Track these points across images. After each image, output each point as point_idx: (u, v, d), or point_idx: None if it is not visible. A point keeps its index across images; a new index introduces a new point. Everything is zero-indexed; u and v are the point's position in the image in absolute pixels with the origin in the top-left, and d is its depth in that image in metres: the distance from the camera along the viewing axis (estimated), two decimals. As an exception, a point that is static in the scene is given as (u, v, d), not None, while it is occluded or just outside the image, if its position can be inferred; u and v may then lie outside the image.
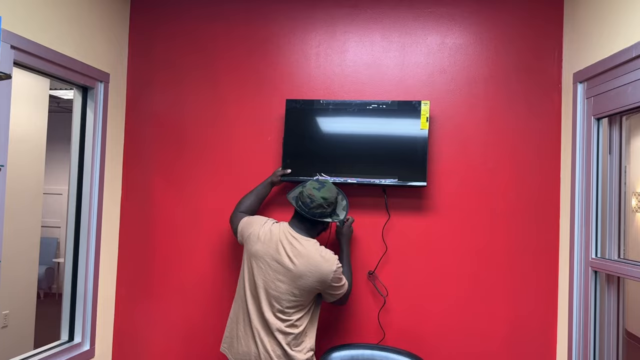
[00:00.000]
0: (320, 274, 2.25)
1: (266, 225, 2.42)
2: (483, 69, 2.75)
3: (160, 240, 2.99)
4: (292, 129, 2.75)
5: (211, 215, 2.94)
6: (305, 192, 2.36)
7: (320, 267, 2.26)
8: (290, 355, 2.29)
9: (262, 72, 2.91)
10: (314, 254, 2.29)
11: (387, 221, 2.76)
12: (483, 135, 2.73)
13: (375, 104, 2.69)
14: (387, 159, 2.65)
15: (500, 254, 2.69)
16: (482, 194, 2.72)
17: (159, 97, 3.02)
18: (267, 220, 2.46)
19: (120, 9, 2.98)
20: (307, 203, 2.33)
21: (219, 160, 2.94)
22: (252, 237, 2.39)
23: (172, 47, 3.01)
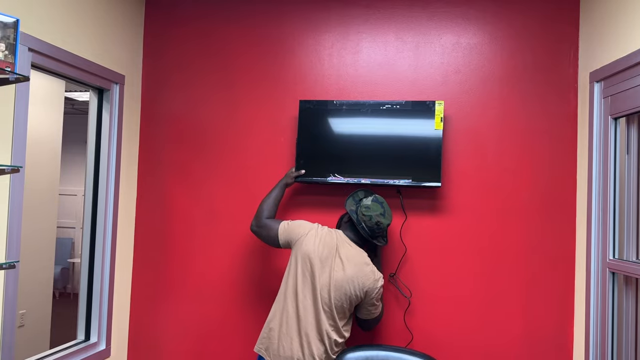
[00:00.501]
0: (368, 285, 2.28)
1: (319, 229, 2.42)
2: (498, 69, 2.73)
3: (176, 241, 3.00)
4: (305, 130, 2.75)
5: (226, 215, 2.95)
6: (373, 217, 2.37)
7: (369, 278, 2.29)
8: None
9: (275, 73, 2.91)
10: (365, 266, 2.32)
11: (404, 222, 2.74)
12: (498, 136, 2.71)
13: (389, 105, 2.68)
14: (401, 159, 2.64)
15: (515, 254, 2.68)
16: (498, 194, 2.70)
17: (173, 99, 3.04)
18: (316, 225, 2.47)
19: (135, 12, 3.01)
20: (374, 229, 2.37)
21: (234, 160, 2.95)
22: (308, 240, 2.36)
23: (186, 49, 3.03)
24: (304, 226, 2.44)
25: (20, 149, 2.15)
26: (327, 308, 2.28)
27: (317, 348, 2.28)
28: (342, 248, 2.32)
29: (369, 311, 2.39)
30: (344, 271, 2.26)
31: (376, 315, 2.41)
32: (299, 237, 2.39)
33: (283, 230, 2.47)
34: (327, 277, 2.28)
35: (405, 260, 2.74)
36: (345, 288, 2.27)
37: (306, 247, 2.35)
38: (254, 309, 2.90)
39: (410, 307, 2.73)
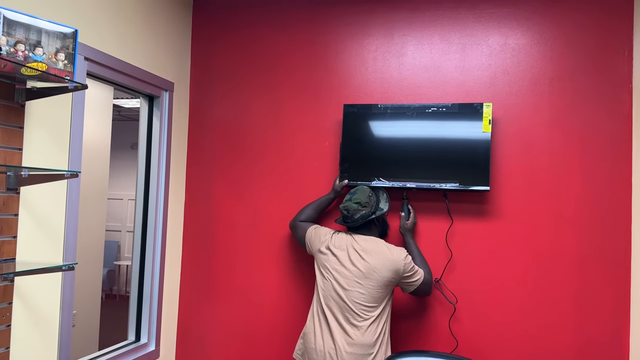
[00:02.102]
0: (392, 263, 2.33)
1: (334, 235, 2.50)
2: (548, 69, 2.67)
3: (222, 244, 3.05)
4: (349, 134, 2.75)
5: (270, 219, 2.98)
6: (341, 206, 2.49)
7: (389, 257, 2.35)
8: None
9: (319, 78, 2.94)
10: (381, 247, 2.39)
11: (450, 226, 2.72)
12: (549, 138, 2.65)
13: (434, 107, 2.65)
14: (448, 163, 2.61)
15: (568, 261, 2.60)
16: (549, 199, 2.64)
17: (220, 105, 3.10)
18: (332, 231, 2.55)
19: (183, 21, 3.08)
20: (346, 215, 2.46)
21: (278, 165, 2.99)
22: (324, 249, 2.47)
23: (232, 56, 3.08)
24: (322, 234, 2.54)
25: (77, 155, 2.23)
26: (355, 303, 2.32)
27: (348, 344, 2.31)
28: (356, 244, 2.40)
29: (410, 284, 2.43)
30: (366, 262, 2.33)
31: (421, 282, 2.43)
32: (318, 247, 2.50)
33: (309, 234, 2.58)
34: (349, 273, 2.35)
35: (452, 265, 2.71)
36: (373, 276, 2.33)
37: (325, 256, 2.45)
38: (297, 313, 2.92)
39: (456, 314, 2.69)
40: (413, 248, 2.59)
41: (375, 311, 2.34)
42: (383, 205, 2.55)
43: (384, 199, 2.58)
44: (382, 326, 2.37)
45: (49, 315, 2.13)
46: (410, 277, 2.40)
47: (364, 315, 2.32)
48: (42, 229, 2.07)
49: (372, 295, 2.32)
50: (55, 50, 1.76)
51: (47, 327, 2.12)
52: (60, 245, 2.17)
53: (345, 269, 2.35)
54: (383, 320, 2.37)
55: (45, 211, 2.09)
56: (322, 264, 2.45)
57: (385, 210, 2.53)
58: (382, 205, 2.56)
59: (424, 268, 2.49)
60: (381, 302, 2.36)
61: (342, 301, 2.33)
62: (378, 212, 2.50)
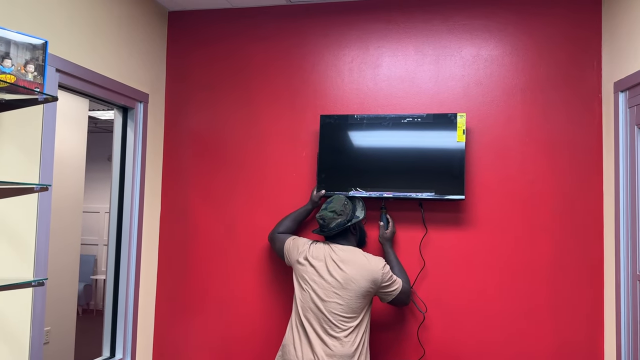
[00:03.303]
0: (369, 273, 2.31)
1: (312, 245, 2.48)
2: (520, 80, 2.71)
3: (199, 256, 3.01)
4: (326, 144, 2.76)
5: (248, 231, 2.96)
6: (317, 215, 2.48)
7: (367, 267, 2.33)
8: None
9: (296, 89, 2.94)
10: (358, 257, 2.37)
11: (425, 235, 2.73)
12: (522, 147, 2.69)
13: (410, 118, 2.67)
14: (423, 172, 2.63)
15: (542, 268, 2.62)
16: (523, 207, 2.67)
17: (196, 116, 3.07)
18: (310, 241, 2.53)
19: (158, 32, 3.06)
20: (322, 224, 2.46)
21: (255, 176, 2.97)
22: (302, 260, 2.45)
23: (208, 68, 3.07)
24: (300, 245, 2.52)
25: (48, 168, 2.19)
26: (333, 314, 2.30)
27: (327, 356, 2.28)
28: (333, 254, 2.38)
29: (388, 294, 2.41)
30: (344, 272, 2.31)
31: (399, 292, 2.42)
32: (296, 258, 2.47)
33: (288, 246, 2.57)
34: (327, 284, 2.33)
35: (424, 274, 2.72)
36: (351, 287, 2.30)
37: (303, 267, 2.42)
38: (276, 324, 2.88)
39: (427, 323, 2.70)
40: (392, 257, 2.59)
41: (354, 322, 2.32)
42: (359, 213, 2.54)
43: (360, 207, 2.57)
44: (362, 337, 2.35)
45: (19, 332, 2.07)
46: (389, 286, 2.39)
47: (342, 326, 2.30)
48: (12, 244, 2.02)
49: (350, 306, 2.31)
50: (25, 61, 1.72)
51: (17, 344, 2.06)
52: (31, 260, 2.12)
53: (323, 280, 2.34)
54: (362, 330, 2.35)
55: (16, 225, 2.04)
56: (300, 275, 2.43)
57: (361, 218, 2.52)
58: (358, 213, 2.54)
59: (402, 277, 2.48)
60: (360, 312, 2.35)
61: (321, 312, 2.31)
62: (354, 219, 2.49)
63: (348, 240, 2.50)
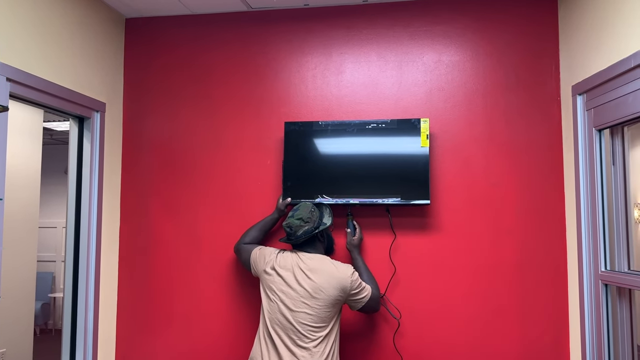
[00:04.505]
0: (338, 281, 2.30)
1: (279, 255, 2.45)
2: (481, 85, 2.75)
3: (162, 271, 2.93)
4: (291, 152, 2.73)
5: (213, 243, 2.89)
6: (283, 224, 2.46)
7: (335, 274, 2.31)
8: None
9: (259, 96, 2.90)
10: (327, 265, 2.35)
11: (394, 241, 2.73)
12: (484, 151, 2.72)
13: (374, 124, 2.68)
14: (389, 178, 2.63)
15: (508, 270, 2.65)
16: (487, 210, 2.69)
17: (156, 125, 3.00)
18: (277, 250, 2.49)
19: (114, 39, 2.98)
20: (289, 232, 2.43)
21: (219, 186, 2.91)
22: (269, 270, 2.41)
23: (168, 75, 3.00)
24: (267, 254, 2.48)
25: None
26: (302, 325, 2.27)
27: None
28: (301, 263, 2.36)
29: (357, 301, 2.39)
30: (312, 281, 2.29)
31: (369, 299, 2.40)
32: (263, 268, 2.44)
33: (254, 256, 2.53)
34: (295, 294, 2.30)
35: (396, 280, 2.71)
36: (320, 296, 2.28)
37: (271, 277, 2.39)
38: (244, 338, 2.82)
39: (402, 329, 2.68)
40: (360, 264, 2.58)
41: (323, 331, 2.30)
42: (326, 220, 2.52)
43: (327, 214, 2.55)
44: (331, 346, 2.32)
45: (-32, 357, 1.95)
46: (358, 294, 2.37)
47: (311, 336, 2.27)
48: (-41, 263, 1.91)
49: (319, 316, 2.28)
50: (-30, 69, 1.63)
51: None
52: (-19, 279, 2.00)
53: (291, 290, 2.31)
54: (332, 340, 2.33)
55: (-38, 243, 1.92)
56: (267, 285, 2.39)
57: (328, 225, 2.50)
58: (325, 220, 2.52)
59: (371, 284, 2.47)
60: (329, 321, 2.32)
61: (289, 323, 2.28)
62: (321, 226, 2.47)
63: (316, 248, 2.48)
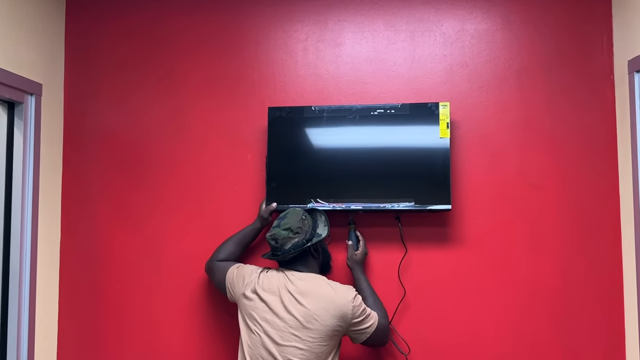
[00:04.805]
0: (336, 306, 2.03)
1: (261, 275, 2.17)
2: (514, 60, 2.40)
3: (114, 294, 2.56)
4: (277, 144, 2.43)
5: (178, 259, 2.52)
6: (267, 235, 2.18)
7: (333, 299, 2.05)
8: None
9: (236, 74, 2.56)
10: (322, 287, 2.09)
11: (404, 256, 2.37)
12: (519, 142, 2.38)
13: (381, 109, 2.37)
14: (400, 177, 2.33)
15: (549, 295, 2.31)
16: (523, 217, 2.35)
17: (106, 111, 2.63)
18: (259, 269, 2.22)
19: (53, 7, 2.60)
20: (274, 245, 2.16)
21: (186, 188, 2.55)
22: (249, 294, 2.14)
23: (121, 48, 2.63)
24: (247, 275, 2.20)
25: None
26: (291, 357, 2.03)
27: None
28: (290, 285, 2.10)
29: (361, 332, 2.10)
30: (304, 307, 2.04)
31: (375, 329, 2.12)
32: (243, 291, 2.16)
33: (230, 276, 2.24)
34: (283, 323, 2.05)
35: (405, 306, 2.36)
36: (314, 326, 2.02)
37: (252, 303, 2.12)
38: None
39: (413, 365, 2.34)
40: (364, 285, 2.27)
41: None
42: (321, 230, 2.23)
43: (322, 223, 2.26)
44: None
45: None
46: (361, 322, 2.07)
47: None
48: None
49: (313, 351, 1.99)
50: None
51: None
52: None
53: (277, 319, 2.03)
54: None
55: None
56: (247, 313, 2.10)
57: (323, 236, 2.20)
58: (320, 230, 2.23)
59: (378, 311, 2.17)
60: (325, 358, 2.04)
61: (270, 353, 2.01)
62: (315, 238, 2.17)
63: (308, 265, 2.18)
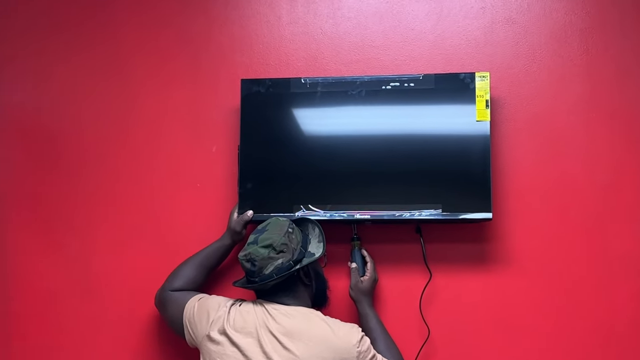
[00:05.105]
0: (336, 353, 1.74)
1: (233, 309, 1.82)
2: (578, 16, 1.98)
3: (28, 334, 2.14)
4: (253, 131, 2.02)
5: (118, 288, 2.10)
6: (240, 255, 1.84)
7: (332, 343, 1.75)
8: None
9: (200, 37, 2.17)
10: (316, 326, 1.79)
11: (428, 283, 1.96)
12: (585, 127, 1.96)
13: (396, 82, 1.95)
14: (422, 176, 1.93)
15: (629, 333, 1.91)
16: (591, 228, 1.93)
17: (20, 85, 2.23)
18: (230, 302, 1.86)
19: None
20: (250, 269, 1.80)
21: (129, 192, 2.13)
22: (216, 335, 1.80)
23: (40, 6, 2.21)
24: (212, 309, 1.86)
25: None
26: None
27: None
28: (272, 323, 1.79)
29: None
30: (291, 353, 1.75)
31: None
32: (207, 326, 1.83)
33: (189, 312, 1.87)
34: None
35: (430, 349, 1.97)
36: None
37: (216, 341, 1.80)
38: None
39: None
40: (373, 324, 1.92)
41: None
42: (314, 249, 1.86)
43: (315, 238, 1.89)
44: None
45: None
46: None
47: None
48: None
49: None
50: None
51: None
52: None
53: None
54: None
55: None
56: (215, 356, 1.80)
57: (318, 256, 1.83)
58: (313, 248, 1.86)
59: (392, 358, 1.84)
60: None
61: None
62: (306, 259, 1.83)
63: (297, 296, 1.84)
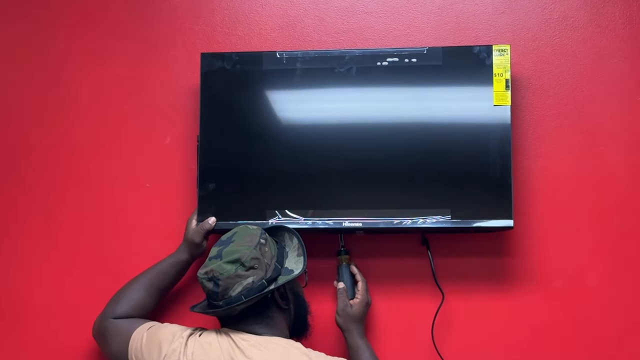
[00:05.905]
0: None
1: (191, 340, 1.54)
2: None
3: None
4: (216, 118, 1.71)
5: (49, 314, 1.81)
6: (200, 273, 1.55)
7: None
8: None
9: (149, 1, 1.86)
10: None
11: (440, 306, 1.69)
12: (630, 114, 1.69)
13: (394, 57, 1.66)
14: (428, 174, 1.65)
15: None
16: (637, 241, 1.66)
17: None
18: (187, 331, 1.59)
19: None
20: (212, 291, 1.52)
21: (63, 194, 1.83)
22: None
23: None
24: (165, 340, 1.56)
25: None
26: None
27: None
28: (240, 357, 1.51)
29: None
30: None
31: None
32: None
33: (136, 344, 1.59)
34: None
35: None
36: None
37: None
38: None
39: None
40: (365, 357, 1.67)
41: None
42: (292, 264, 1.61)
43: (293, 251, 1.64)
44: None
45: None
46: None
47: None
48: None
49: None
50: None
51: None
52: None
53: None
54: None
55: None
56: None
57: (297, 274, 1.58)
58: (290, 263, 1.61)
59: None
60: None
61: None
62: (282, 277, 1.58)
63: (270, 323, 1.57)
